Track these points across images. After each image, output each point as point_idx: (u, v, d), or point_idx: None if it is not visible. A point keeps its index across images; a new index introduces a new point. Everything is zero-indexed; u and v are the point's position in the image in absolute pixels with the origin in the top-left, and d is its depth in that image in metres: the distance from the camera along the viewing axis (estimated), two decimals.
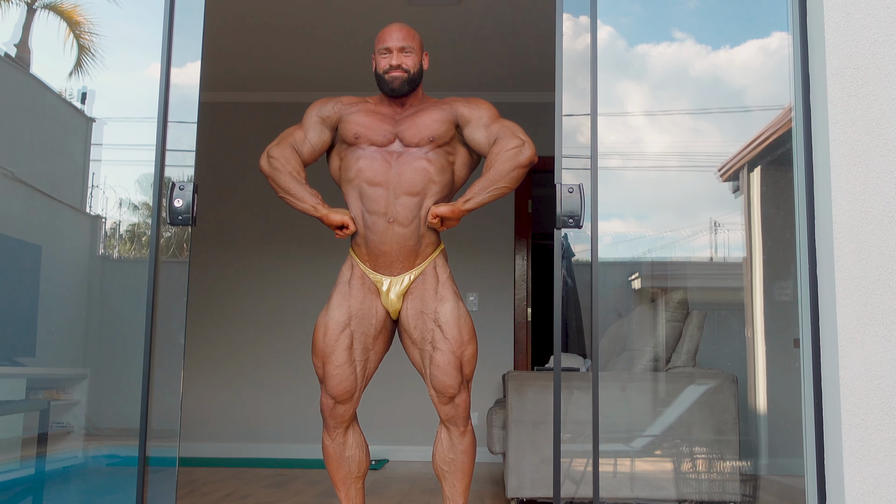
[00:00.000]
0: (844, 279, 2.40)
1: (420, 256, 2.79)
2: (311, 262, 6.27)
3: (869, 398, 2.36)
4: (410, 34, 2.84)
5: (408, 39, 2.82)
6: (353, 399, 2.84)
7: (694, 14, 3.25)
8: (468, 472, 2.84)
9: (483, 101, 2.88)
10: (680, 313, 4.09)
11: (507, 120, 2.85)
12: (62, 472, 3.47)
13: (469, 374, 2.80)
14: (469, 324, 2.79)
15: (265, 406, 6.15)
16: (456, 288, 2.85)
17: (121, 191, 3.37)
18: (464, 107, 2.85)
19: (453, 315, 2.77)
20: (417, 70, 2.82)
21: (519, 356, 6.11)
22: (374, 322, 2.81)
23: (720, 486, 3.72)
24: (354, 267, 2.84)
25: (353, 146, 2.83)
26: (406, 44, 2.81)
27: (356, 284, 2.82)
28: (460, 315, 2.78)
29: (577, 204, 2.50)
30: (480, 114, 2.83)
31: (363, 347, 2.81)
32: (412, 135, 2.78)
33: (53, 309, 3.49)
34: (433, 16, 5.00)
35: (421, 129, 2.78)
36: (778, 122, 3.00)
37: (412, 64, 2.80)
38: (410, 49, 2.81)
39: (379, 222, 2.75)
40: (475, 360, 2.82)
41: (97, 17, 3.15)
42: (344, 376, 2.78)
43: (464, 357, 2.76)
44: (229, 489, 4.55)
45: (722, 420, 3.71)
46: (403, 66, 2.79)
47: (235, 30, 5.21)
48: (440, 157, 2.79)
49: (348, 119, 2.84)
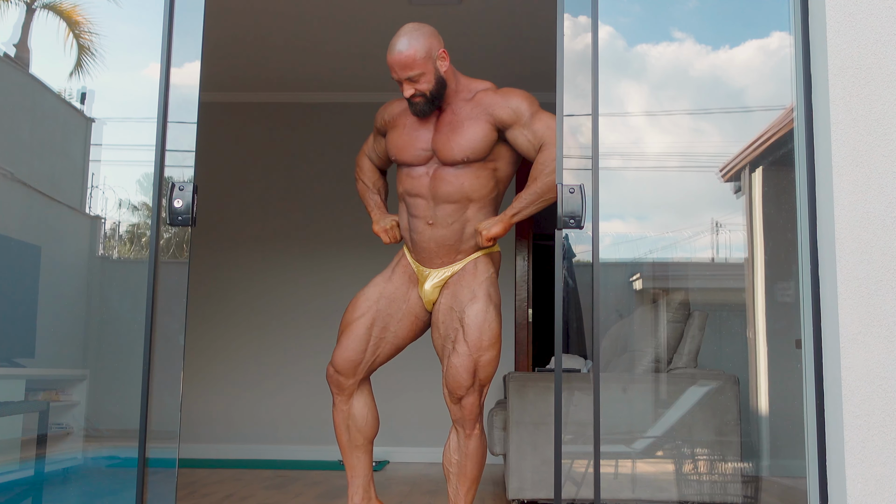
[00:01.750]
0: (846, 280, 2.39)
1: (462, 253, 2.85)
2: (312, 263, 6.26)
3: (871, 399, 2.35)
4: (409, 60, 2.74)
5: (408, 68, 2.74)
6: (355, 374, 2.90)
7: (694, 14, 3.24)
8: (472, 476, 2.82)
9: (518, 94, 2.82)
10: (681, 314, 4.08)
11: (546, 113, 2.80)
12: (61, 474, 3.46)
13: (484, 379, 2.79)
14: (494, 329, 2.78)
15: (265, 407, 6.14)
16: (493, 290, 2.83)
17: (120, 191, 3.36)
18: (502, 108, 2.79)
19: (478, 318, 2.77)
20: (435, 84, 2.79)
21: (520, 357, 6.10)
22: (405, 307, 2.92)
23: (722, 488, 3.71)
24: (403, 256, 2.99)
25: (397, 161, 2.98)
26: (410, 73, 2.75)
27: (399, 271, 2.96)
28: (487, 319, 2.77)
29: (578, 204, 2.49)
30: (520, 112, 2.79)
31: (382, 326, 2.90)
32: (446, 154, 2.81)
33: (53, 310, 3.49)
34: (434, 16, 4.99)
35: (454, 148, 2.79)
36: (779, 123, 2.99)
37: (426, 86, 2.77)
38: (418, 73, 2.75)
39: (419, 224, 2.88)
40: (493, 367, 2.79)
41: (97, 17, 3.15)
42: (351, 348, 2.88)
43: (480, 361, 2.76)
44: (229, 490, 4.55)
45: (723, 421, 3.70)
46: (418, 92, 2.78)
47: (235, 30, 5.20)
48: (477, 171, 2.82)
49: (389, 138, 2.97)
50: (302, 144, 6.39)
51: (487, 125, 2.79)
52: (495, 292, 2.84)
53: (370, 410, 2.95)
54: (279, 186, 6.37)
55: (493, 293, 2.83)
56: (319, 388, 6.16)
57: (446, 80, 2.81)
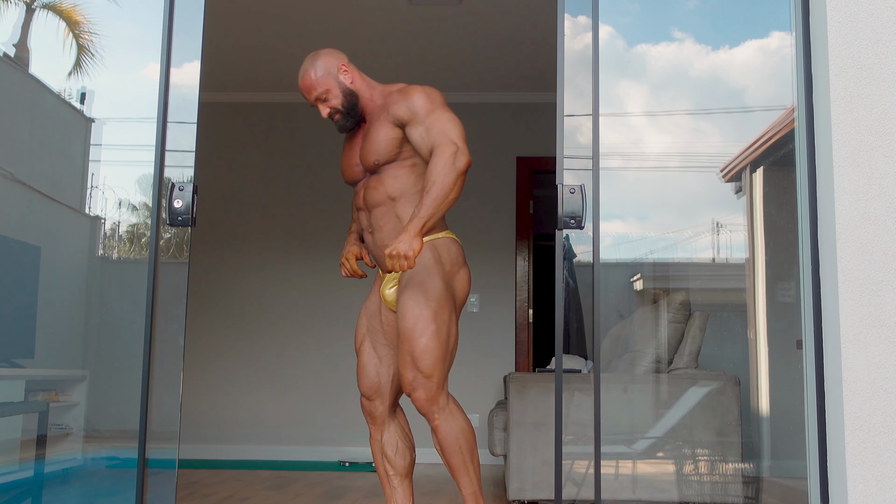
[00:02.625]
0: (847, 280, 2.39)
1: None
2: (312, 264, 6.26)
3: (872, 400, 2.34)
4: (309, 82, 2.81)
5: (312, 89, 2.82)
6: (381, 396, 2.90)
7: (693, 14, 3.23)
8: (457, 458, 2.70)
9: (418, 92, 2.76)
10: (682, 314, 4.08)
11: (446, 114, 2.73)
12: (61, 475, 3.46)
13: (427, 369, 2.66)
14: (424, 316, 2.66)
15: (265, 407, 6.13)
16: (431, 277, 2.71)
17: (120, 191, 3.36)
18: (399, 107, 2.76)
19: (406, 307, 2.70)
20: (343, 98, 2.82)
21: (520, 358, 6.10)
22: (382, 319, 2.91)
23: (722, 489, 3.70)
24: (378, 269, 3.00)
25: None
26: (315, 93, 2.82)
27: (374, 286, 2.98)
28: (414, 307, 2.67)
29: (578, 205, 2.48)
30: (415, 109, 2.74)
31: (380, 344, 2.91)
32: (365, 161, 2.85)
33: (52, 310, 3.48)
34: (434, 16, 4.99)
35: (367, 154, 2.82)
36: (780, 123, 2.99)
37: (336, 101, 2.82)
38: (323, 91, 2.81)
39: (367, 235, 2.92)
40: (434, 355, 2.66)
41: (96, 17, 3.14)
42: (365, 372, 2.90)
43: (415, 352, 2.66)
44: (229, 491, 4.54)
45: (724, 422, 3.70)
46: (333, 110, 2.84)
47: (236, 30, 5.20)
48: (395, 171, 2.81)
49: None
50: (302, 145, 6.38)
51: (389, 125, 2.78)
52: (433, 279, 2.72)
53: (401, 440, 2.91)
54: (279, 186, 6.37)
55: (431, 280, 2.71)
56: (320, 388, 6.17)
57: (357, 92, 2.84)
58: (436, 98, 2.76)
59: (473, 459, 2.74)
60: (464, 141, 2.68)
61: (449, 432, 2.72)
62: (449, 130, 2.69)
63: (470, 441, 2.74)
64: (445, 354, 2.71)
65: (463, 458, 2.72)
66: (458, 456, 2.72)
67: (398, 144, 2.79)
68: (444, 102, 2.77)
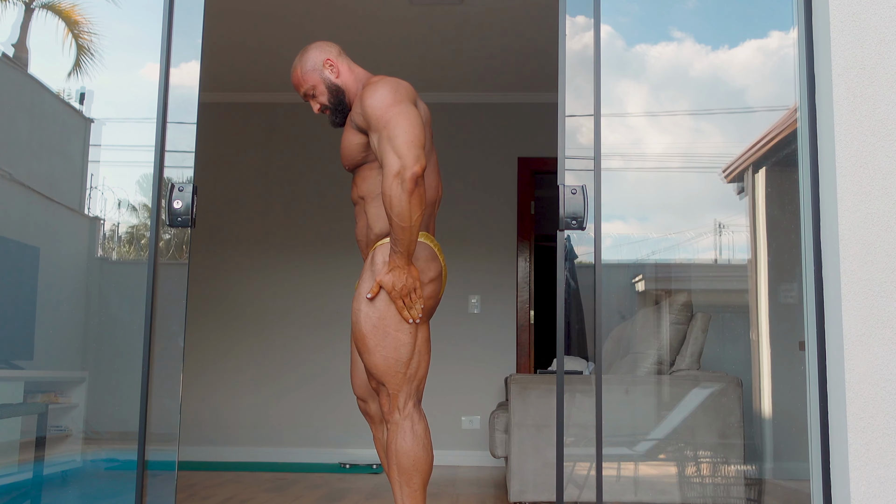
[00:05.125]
0: (850, 281, 2.38)
1: (370, 246, 2.72)
2: (312, 264, 6.25)
3: (875, 401, 2.33)
4: (296, 79, 2.79)
5: (299, 85, 2.79)
6: (373, 396, 2.86)
7: (693, 14, 3.22)
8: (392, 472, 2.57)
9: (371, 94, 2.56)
10: (684, 316, 4.07)
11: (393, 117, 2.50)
12: (60, 476, 3.45)
13: (381, 376, 2.55)
14: (369, 318, 2.54)
15: (266, 409, 6.12)
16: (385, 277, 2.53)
17: (119, 192, 3.35)
18: (356, 113, 2.65)
19: (355, 310, 2.60)
20: (329, 94, 2.77)
21: (521, 359, 6.09)
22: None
23: (725, 491, 3.69)
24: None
25: None
26: (303, 89, 2.79)
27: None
28: (361, 310, 2.57)
29: (580, 205, 2.47)
30: (368, 117, 2.56)
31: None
32: (342, 162, 2.82)
33: (51, 311, 3.47)
34: (434, 15, 4.98)
35: (341, 156, 2.79)
36: (783, 123, 2.98)
37: (322, 97, 2.78)
38: (310, 87, 2.77)
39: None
40: (379, 368, 2.54)
41: (96, 17, 3.13)
42: (357, 373, 2.87)
43: (367, 365, 2.59)
44: (229, 493, 4.53)
45: (726, 423, 3.68)
46: (322, 105, 2.80)
47: (235, 30, 5.19)
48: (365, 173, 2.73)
49: None
50: (302, 145, 6.37)
51: (352, 130, 2.70)
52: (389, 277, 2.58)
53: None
54: (279, 187, 6.36)
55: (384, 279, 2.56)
56: (320, 389, 6.16)
57: (343, 87, 2.76)
58: (387, 97, 2.53)
59: (409, 484, 2.55)
60: (412, 146, 2.43)
61: (392, 445, 2.58)
62: (395, 138, 2.46)
63: (407, 466, 2.54)
64: (397, 365, 2.55)
65: (398, 477, 2.57)
66: (393, 471, 2.59)
67: (363, 149, 2.68)
68: (398, 100, 2.52)
